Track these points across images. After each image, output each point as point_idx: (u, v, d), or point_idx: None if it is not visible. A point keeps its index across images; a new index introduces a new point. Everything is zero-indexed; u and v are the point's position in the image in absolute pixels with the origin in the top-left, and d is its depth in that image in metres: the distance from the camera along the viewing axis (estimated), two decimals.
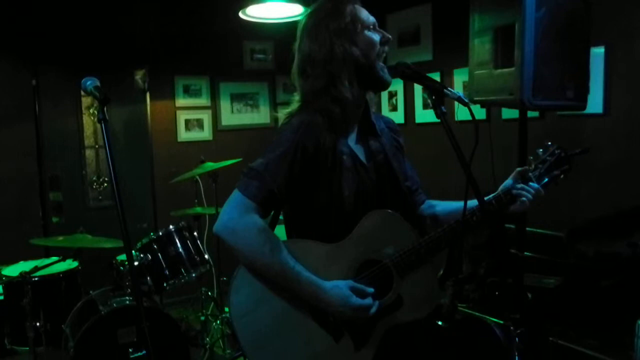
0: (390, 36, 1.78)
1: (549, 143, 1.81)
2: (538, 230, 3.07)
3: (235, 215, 1.63)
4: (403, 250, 1.68)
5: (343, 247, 1.70)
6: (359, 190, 1.73)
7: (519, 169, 1.77)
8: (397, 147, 1.92)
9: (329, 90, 1.70)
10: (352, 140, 1.79)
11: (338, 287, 1.63)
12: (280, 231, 1.84)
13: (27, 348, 3.09)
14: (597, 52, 3.03)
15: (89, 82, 1.68)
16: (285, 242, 1.68)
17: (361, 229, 1.71)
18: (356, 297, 1.62)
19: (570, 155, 1.78)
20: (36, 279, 3.12)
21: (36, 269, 3.13)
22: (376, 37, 1.74)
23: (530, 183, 1.73)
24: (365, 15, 1.76)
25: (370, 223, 1.71)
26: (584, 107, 2.60)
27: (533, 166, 1.78)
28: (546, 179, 1.76)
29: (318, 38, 1.71)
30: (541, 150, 1.80)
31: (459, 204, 1.79)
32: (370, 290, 1.65)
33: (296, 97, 1.79)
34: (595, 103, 3.02)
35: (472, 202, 1.64)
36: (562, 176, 1.79)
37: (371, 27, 1.74)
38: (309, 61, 1.73)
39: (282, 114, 1.79)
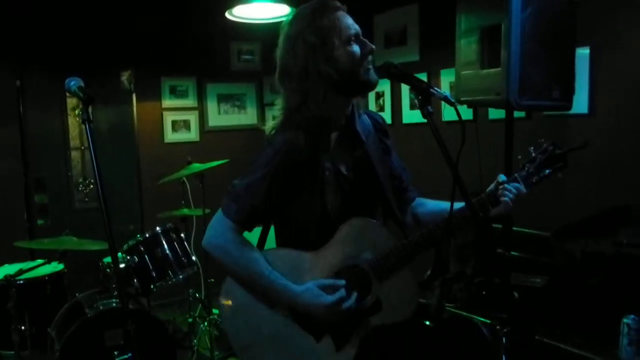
0: (373, 46, 1.69)
1: (542, 140, 1.72)
2: (524, 230, 3.08)
3: (217, 232, 1.75)
4: (380, 254, 1.70)
5: (322, 254, 1.73)
6: (343, 203, 1.75)
7: (501, 175, 1.71)
8: (384, 149, 1.88)
9: (303, 107, 1.67)
10: (334, 150, 1.76)
11: (308, 289, 1.69)
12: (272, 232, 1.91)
13: (12, 352, 3.06)
14: (583, 53, 3.05)
15: (72, 83, 1.69)
16: (265, 252, 1.77)
17: (339, 236, 1.73)
18: (327, 295, 1.66)
19: (565, 151, 1.69)
20: (21, 282, 3.10)
21: (21, 271, 3.10)
22: (357, 49, 1.65)
23: (513, 184, 1.67)
24: (346, 25, 1.66)
25: (348, 230, 1.73)
26: (570, 108, 2.61)
27: (521, 166, 1.72)
28: (535, 179, 1.69)
29: (293, 51, 1.66)
30: (532, 147, 1.73)
31: (442, 205, 1.81)
32: (342, 282, 1.69)
33: (280, 99, 1.76)
34: (580, 103, 3.04)
35: (458, 204, 1.59)
36: (558, 174, 1.69)
37: (352, 38, 1.65)
38: (286, 74, 1.70)
39: (268, 126, 1.77)
